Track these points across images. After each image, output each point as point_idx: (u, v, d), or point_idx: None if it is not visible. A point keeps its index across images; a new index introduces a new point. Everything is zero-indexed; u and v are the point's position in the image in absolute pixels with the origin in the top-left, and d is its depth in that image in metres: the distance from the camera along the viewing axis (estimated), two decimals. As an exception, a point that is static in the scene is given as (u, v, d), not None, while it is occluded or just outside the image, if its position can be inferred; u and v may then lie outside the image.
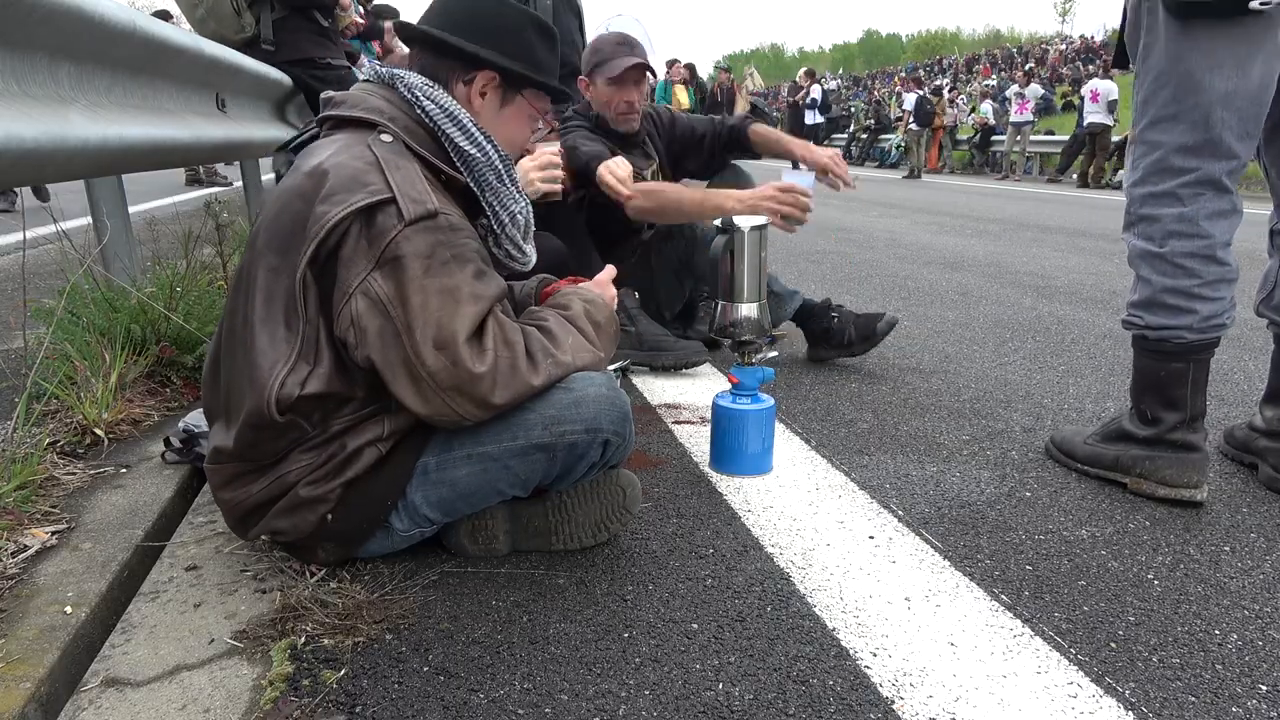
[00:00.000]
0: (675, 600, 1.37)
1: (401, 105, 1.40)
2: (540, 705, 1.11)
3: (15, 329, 2.34)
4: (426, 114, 1.40)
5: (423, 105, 1.40)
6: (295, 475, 1.34)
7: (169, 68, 2.75)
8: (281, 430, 1.32)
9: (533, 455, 1.37)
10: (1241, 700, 1.15)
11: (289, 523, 1.36)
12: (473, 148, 1.42)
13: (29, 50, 1.91)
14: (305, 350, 1.30)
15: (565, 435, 1.36)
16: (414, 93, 1.41)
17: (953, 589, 1.41)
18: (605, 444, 1.40)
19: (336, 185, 1.27)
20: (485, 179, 1.45)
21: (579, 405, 1.37)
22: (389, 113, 1.38)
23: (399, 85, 1.42)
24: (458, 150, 1.41)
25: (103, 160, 2.15)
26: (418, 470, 1.37)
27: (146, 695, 1.13)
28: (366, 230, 1.26)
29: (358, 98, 1.42)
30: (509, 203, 1.48)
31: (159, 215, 4.14)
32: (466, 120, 1.42)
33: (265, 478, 1.35)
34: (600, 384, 1.40)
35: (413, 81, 1.41)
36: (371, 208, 1.26)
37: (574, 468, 1.41)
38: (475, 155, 1.42)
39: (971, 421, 2.27)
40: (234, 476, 1.37)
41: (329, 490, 1.34)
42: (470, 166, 1.43)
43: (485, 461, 1.37)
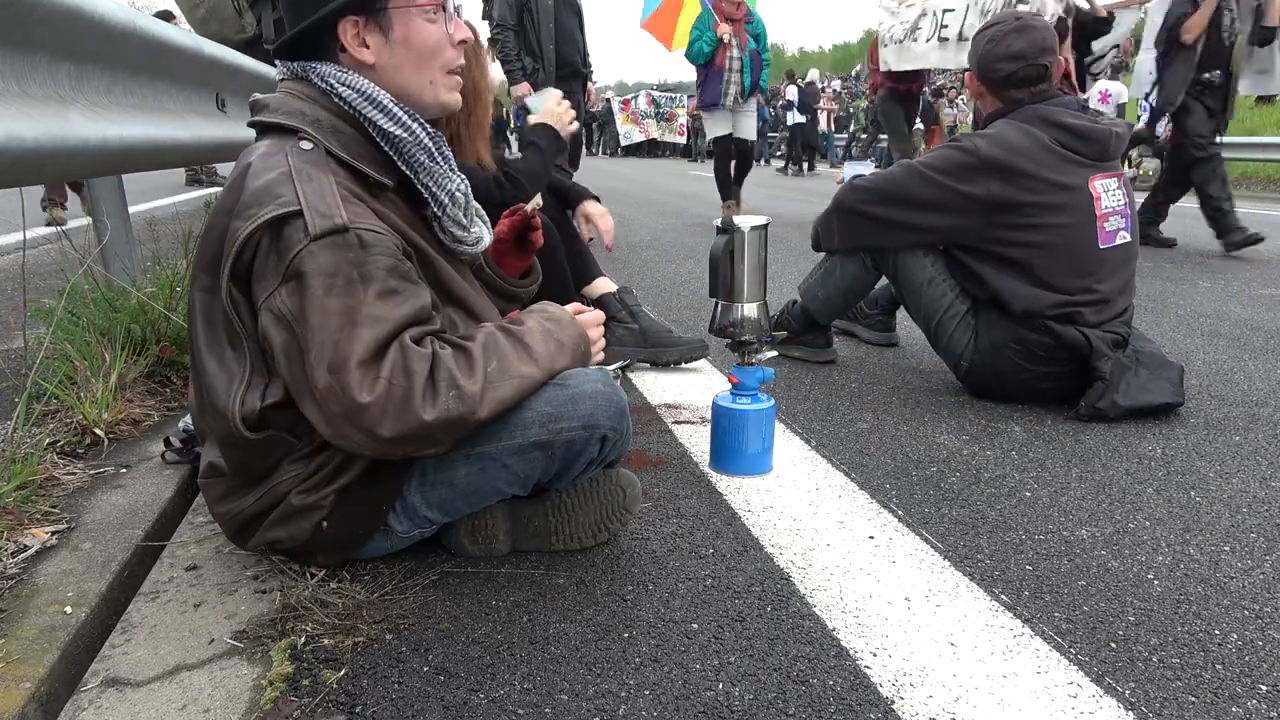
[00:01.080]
0: (675, 600, 1.37)
1: (321, 100, 1.35)
2: (540, 705, 1.11)
3: (15, 329, 2.34)
4: (345, 101, 1.34)
5: (339, 93, 1.34)
6: (286, 485, 1.34)
7: (169, 68, 2.75)
8: (266, 447, 1.32)
9: (531, 453, 1.37)
10: (1241, 700, 1.15)
11: (285, 532, 1.36)
12: (397, 128, 1.35)
13: (29, 50, 1.90)
14: (256, 365, 1.29)
15: (563, 432, 1.36)
16: (328, 80, 1.34)
17: (953, 589, 1.41)
18: (603, 440, 1.39)
19: (249, 199, 1.24)
20: (417, 160, 1.38)
21: (576, 402, 1.36)
22: (310, 114, 1.33)
23: (313, 77, 1.35)
24: (383, 134, 1.35)
25: (103, 160, 2.15)
26: (415, 471, 1.37)
27: (146, 695, 1.13)
28: (275, 244, 1.22)
29: (279, 100, 1.36)
30: (444, 181, 1.42)
31: (159, 215, 4.14)
32: (385, 99, 1.35)
33: (257, 490, 1.35)
34: (597, 380, 1.39)
35: (325, 70, 1.35)
36: (279, 220, 1.22)
37: (572, 465, 1.41)
38: (402, 136, 1.36)
39: (971, 421, 2.27)
40: (227, 491, 1.38)
41: (321, 498, 1.33)
42: (399, 149, 1.37)
43: (483, 460, 1.37)
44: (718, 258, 1.85)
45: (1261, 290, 4.32)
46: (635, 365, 2.68)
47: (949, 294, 2.44)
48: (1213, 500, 1.79)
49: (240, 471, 1.35)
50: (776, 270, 4.78)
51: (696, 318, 3.43)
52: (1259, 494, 1.83)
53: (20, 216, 2.00)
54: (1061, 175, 2.29)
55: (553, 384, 1.38)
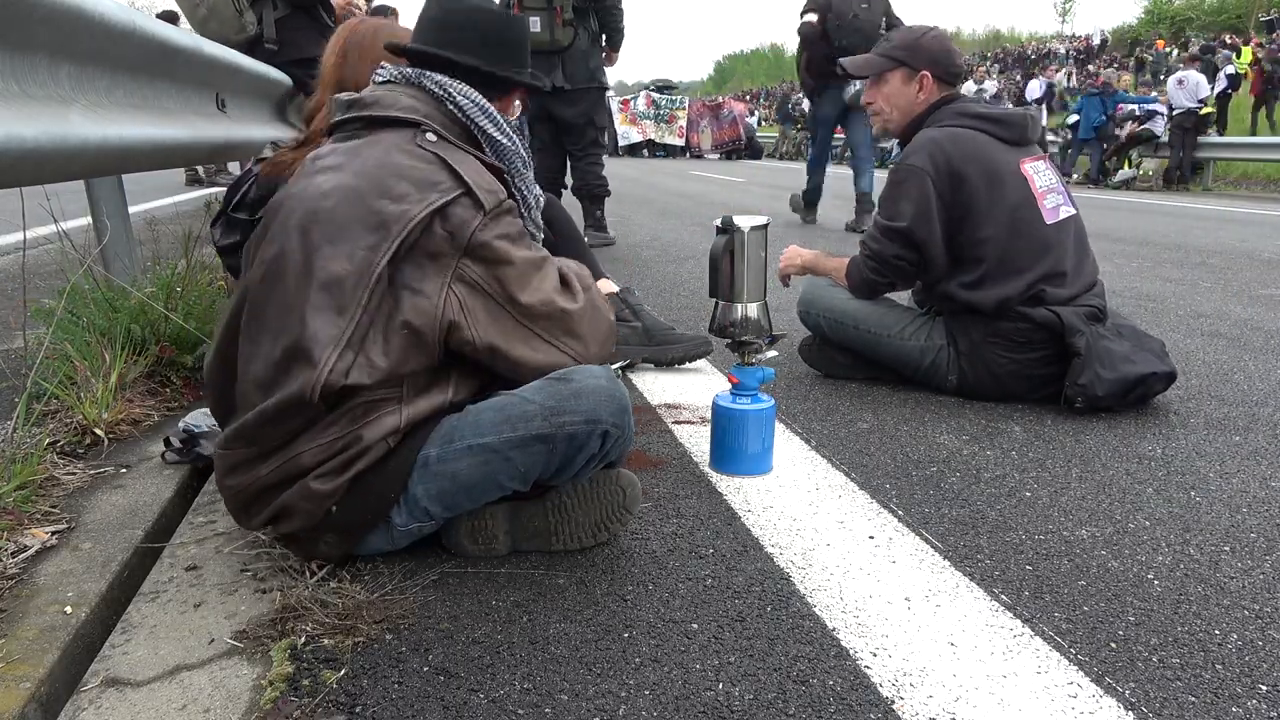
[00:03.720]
0: (675, 600, 1.37)
1: (431, 103, 1.47)
2: (540, 705, 1.11)
3: (15, 329, 2.34)
4: (460, 109, 1.48)
5: (455, 100, 1.47)
6: (309, 459, 1.34)
7: (169, 68, 2.75)
8: (303, 411, 1.33)
9: (532, 446, 1.38)
10: (1241, 700, 1.15)
11: (294, 512, 1.36)
12: (504, 138, 1.52)
13: (29, 50, 1.91)
14: (354, 338, 1.33)
15: (565, 426, 1.38)
16: (445, 89, 1.47)
17: (953, 589, 1.41)
18: (604, 435, 1.40)
19: (409, 185, 1.35)
20: (515, 167, 1.55)
21: (578, 397, 1.39)
22: (424, 110, 1.44)
23: (427, 83, 1.47)
24: (491, 141, 1.51)
25: (103, 160, 2.15)
26: (419, 463, 1.38)
27: (146, 695, 1.13)
28: (445, 224, 1.35)
29: (389, 98, 1.46)
30: (532, 187, 1.60)
31: (159, 215, 4.14)
32: (495, 113, 1.52)
33: (274, 459, 1.35)
34: (599, 376, 1.43)
35: (441, 79, 1.48)
36: (449, 204, 1.35)
37: (573, 460, 1.42)
38: (507, 145, 1.53)
39: (971, 421, 2.27)
40: (241, 462, 1.37)
41: (338, 485, 1.34)
42: (502, 156, 1.53)
43: (486, 453, 1.38)
44: (718, 257, 1.85)
45: (1261, 290, 4.32)
46: (639, 365, 2.68)
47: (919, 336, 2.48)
48: (1213, 500, 1.79)
49: (261, 435, 1.35)
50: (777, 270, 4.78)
51: (696, 317, 3.43)
52: (1259, 494, 1.83)
53: (20, 216, 2.00)
54: (996, 164, 2.35)
55: (556, 379, 1.42)
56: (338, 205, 1.36)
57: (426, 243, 1.34)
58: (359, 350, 1.32)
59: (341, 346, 1.31)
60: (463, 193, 1.36)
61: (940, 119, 2.43)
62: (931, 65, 2.46)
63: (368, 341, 1.33)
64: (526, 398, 1.40)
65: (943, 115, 2.44)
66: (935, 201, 2.34)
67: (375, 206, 1.34)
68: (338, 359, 1.30)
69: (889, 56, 2.49)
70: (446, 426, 1.40)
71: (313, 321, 1.31)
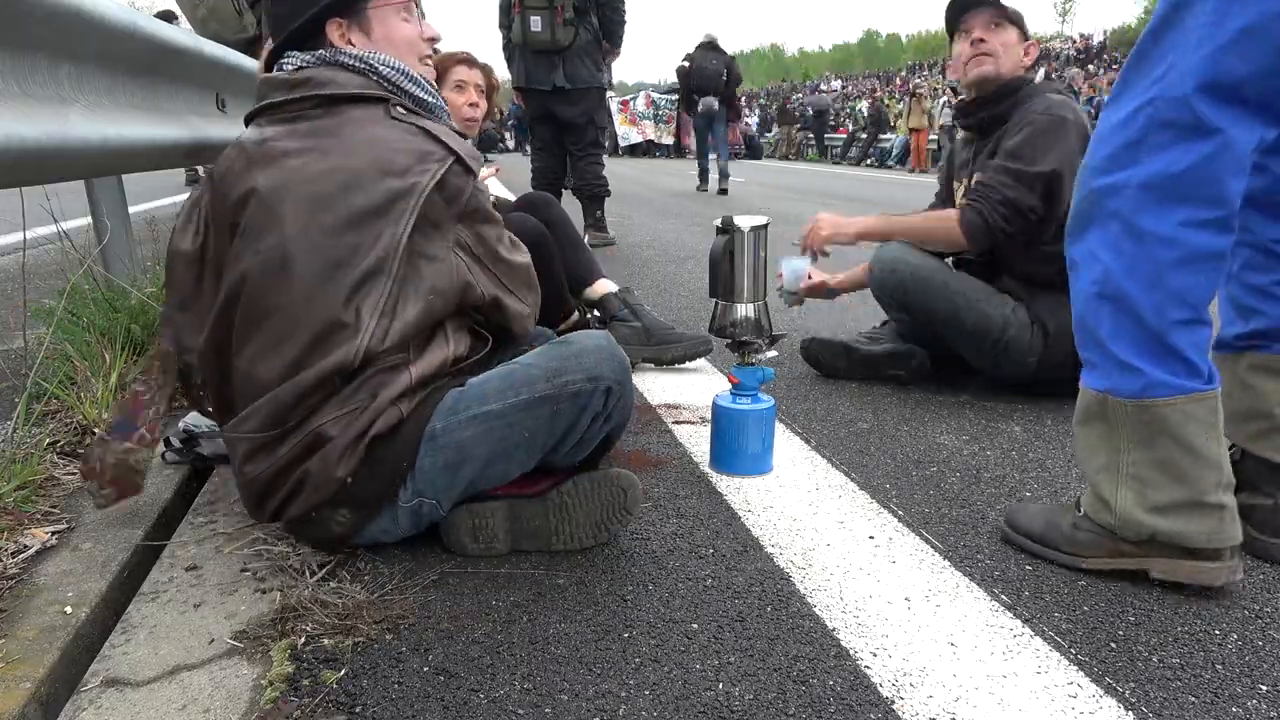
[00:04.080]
0: (675, 600, 1.37)
1: (362, 80, 1.47)
2: (540, 705, 1.11)
3: (15, 329, 2.34)
4: (385, 78, 1.48)
5: (379, 70, 1.48)
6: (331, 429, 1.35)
7: (169, 68, 2.75)
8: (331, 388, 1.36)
9: (537, 409, 1.42)
10: (1241, 700, 1.15)
11: (311, 485, 1.36)
12: (429, 97, 1.53)
13: (29, 50, 1.90)
14: (388, 307, 1.38)
15: (568, 385, 1.42)
16: (366, 60, 1.47)
17: (953, 589, 1.41)
18: (608, 391, 1.45)
19: (407, 158, 1.39)
20: (448, 123, 1.55)
21: (580, 356, 1.45)
22: (370, 85, 1.46)
23: (344, 59, 1.47)
24: (417, 101, 1.51)
25: (103, 160, 2.15)
26: (425, 435, 1.40)
27: (146, 695, 1.13)
28: (444, 192, 1.40)
29: (328, 76, 1.45)
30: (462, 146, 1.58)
31: (159, 215, 4.14)
32: (415, 74, 1.52)
33: (292, 437, 1.36)
34: (599, 337, 1.52)
35: (356, 52, 1.48)
36: (446, 172, 1.40)
37: (578, 421, 1.45)
38: (431, 102, 1.53)
39: (971, 421, 2.27)
40: (258, 446, 1.38)
41: (355, 453, 1.36)
42: (431, 113, 1.53)
43: (491, 420, 1.41)
44: (718, 257, 1.85)
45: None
46: (639, 365, 2.68)
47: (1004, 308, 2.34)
48: (1213, 500, 1.79)
49: (282, 420, 1.36)
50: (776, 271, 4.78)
51: (696, 318, 3.43)
52: (1259, 494, 1.82)
53: (20, 216, 2.00)
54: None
55: (556, 342, 1.51)
56: (343, 187, 1.36)
57: (429, 211, 1.39)
58: (392, 317, 1.38)
59: (379, 314, 1.36)
60: (454, 160, 1.41)
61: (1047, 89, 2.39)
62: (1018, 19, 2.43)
63: (399, 308, 1.39)
64: (529, 363, 1.46)
65: (1044, 87, 2.39)
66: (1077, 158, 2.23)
67: (383, 183, 1.37)
68: (376, 325, 1.36)
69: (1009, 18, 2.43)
70: (451, 399, 1.43)
71: (352, 297, 1.35)
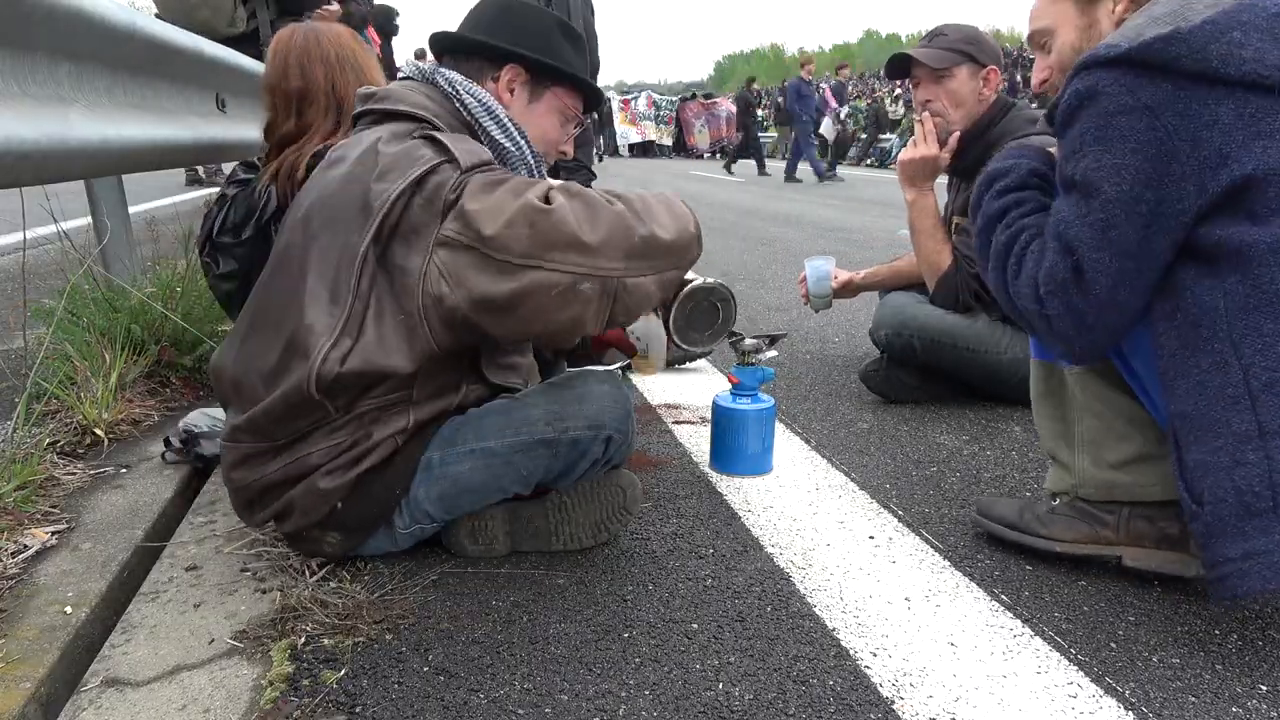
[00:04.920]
0: (675, 600, 1.37)
1: (441, 100, 1.45)
2: (540, 705, 1.11)
3: (15, 329, 2.34)
4: (465, 108, 1.45)
5: (462, 99, 1.45)
6: (317, 458, 1.34)
7: (169, 68, 2.75)
8: (310, 410, 1.32)
9: (536, 451, 1.38)
10: (1241, 700, 1.15)
11: (300, 508, 1.36)
12: (508, 141, 1.47)
13: (29, 50, 1.91)
14: (350, 326, 1.30)
15: (569, 431, 1.38)
16: (454, 87, 1.46)
17: (953, 589, 1.41)
18: (608, 440, 1.41)
19: (388, 164, 1.32)
20: (518, 172, 1.47)
21: (583, 401, 1.40)
22: (432, 109, 1.42)
23: (439, 80, 1.46)
24: (493, 144, 1.46)
25: (103, 160, 2.15)
26: (421, 465, 1.38)
27: (146, 695, 1.13)
28: (421, 192, 1.29)
29: (400, 93, 1.45)
30: None
31: (159, 215, 4.13)
32: (503, 115, 1.47)
33: (282, 457, 1.35)
34: (604, 382, 1.45)
35: (453, 77, 1.47)
36: (424, 174, 1.29)
37: (576, 465, 1.42)
38: (509, 149, 1.47)
39: (971, 421, 2.26)
40: (249, 455, 1.37)
41: (344, 482, 1.34)
42: (505, 160, 1.47)
43: (488, 457, 1.38)
44: None
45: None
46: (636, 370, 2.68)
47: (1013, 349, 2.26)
48: (1213, 500, 1.79)
49: (271, 429, 1.34)
50: (779, 271, 4.78)
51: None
52: (1259, 494, 1.82)
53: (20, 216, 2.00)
54: None
55: (560, 384, 1.44)
56: (335, 194, 1.36)
57: (408, 216, 1.29)
58: (355, 338, 1.30)
59: (336, 334, 1.29)
60: (443, 160, 1.30)
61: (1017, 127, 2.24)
62: (996, 60, 2.32)
63: (365, 328, 1.30)
64: (530, 402, 1.41)
65: (1017, 123, 2.26)
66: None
67: (364, 190, 1.32)
68: (331, 347, 1.28)
69: (955, 50, 2.29)
70: (449, 429, 1.40)
71: (309, 311, 1.31)
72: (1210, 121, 1.14)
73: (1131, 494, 1.41)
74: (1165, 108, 1.15)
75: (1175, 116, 1.15)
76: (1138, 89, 1.17)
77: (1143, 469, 1.39)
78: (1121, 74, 1.18)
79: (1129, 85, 1.17)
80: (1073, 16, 1.39)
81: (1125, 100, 1.17)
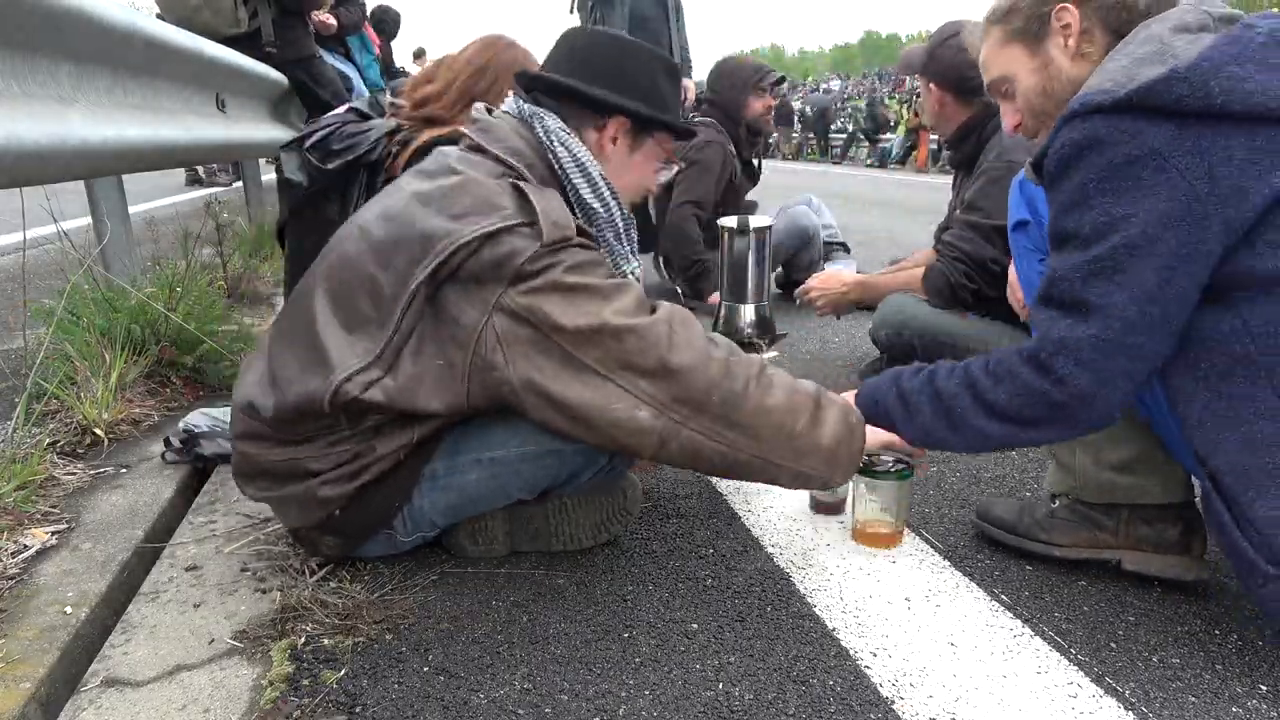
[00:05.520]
0: (675, 600, 1.37)
1: (535, 146, 1.39)
2: (540, 705, 1.11)
3: (15, 329, 2.34)
4: (557, 159, 1.39)
5: (555, 150, 1.39)
6: (319, 465, 1.32)
7: (169, 68, 2.75)
8: (319, 418, 1.30)
9: (544, 459, 1.38)
10: (1241, 700, 1.15)
11: (297, 508, 1.36)
12: (597, 202, 1.41)
13: (29, 51, 1.91)
14: (385, 357, 1.26)
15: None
16: (550, 136, 1.39)
17: (953, 589, 1.41)
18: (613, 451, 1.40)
19: (467, 206, 1.25)
20: (603, 235, 1.44)
21: None
22: (526, 156, 1.37)
23: (537, 126, 1.40)
24: (581, 202, 1.41)
25: (103, 160, 2.16)
26: (425, 476, 1.37)
27: (146, 695, 1.13)
28: (495, 248, 1.22)
29: (502, 132, 1.39)
30: (621, 263, 1.48)
31: (159, 215, 4.14)
32: (596, 174, 1.41)
33: (284, 450, 1.35)
34: None
35: (550, 125, 1.39)
36: (504, 230, 1.23)
37: (581, 472, 1.42)
38: (598, 210, 1.42)
39: (971, 421, 2.26)
40: (255, 434, 1.37)
41: (344, 493, 1.33)
42: (591, 220, 1.42)
43: (495, 466, 1.37)
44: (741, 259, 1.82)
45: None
46: None
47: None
48: (1213, 500, 1.79)
49: (280, 428, 1.33)
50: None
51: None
52: (1259, 494, 1.82)
53: (20, 216, 2.00)
54: None
55: None
56: (402, 212, 1.30)
57: (470, 266, 1.23)
58: (388, 370, 1.26)
59: (368, 361, 1.25)
60: (525, 222, 1.23)
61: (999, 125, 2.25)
62: (938, 77, 2.35)
63: (400, 364, 1.26)
64: None
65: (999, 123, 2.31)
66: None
67: (431, 220, 1.26)
68: (359, 371, 1.25)
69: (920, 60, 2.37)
70: (453, 440, 1.37)
71: (347, 326, 1.28)
72: (1225, 157, 1.09)
73: (1131, 496, 1.40)
74: (1173, 149, 1.11)
75: (1185, 156, 1.10)
76: (1140, 134, 1.12)
77: (1144, 471, 1.38)
78: (1119, 120, 1.13)
79: (1131, 131, 1.12)
80: (1024, 59, 1.35)
81: (1128, 148, 1.12)
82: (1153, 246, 1.12)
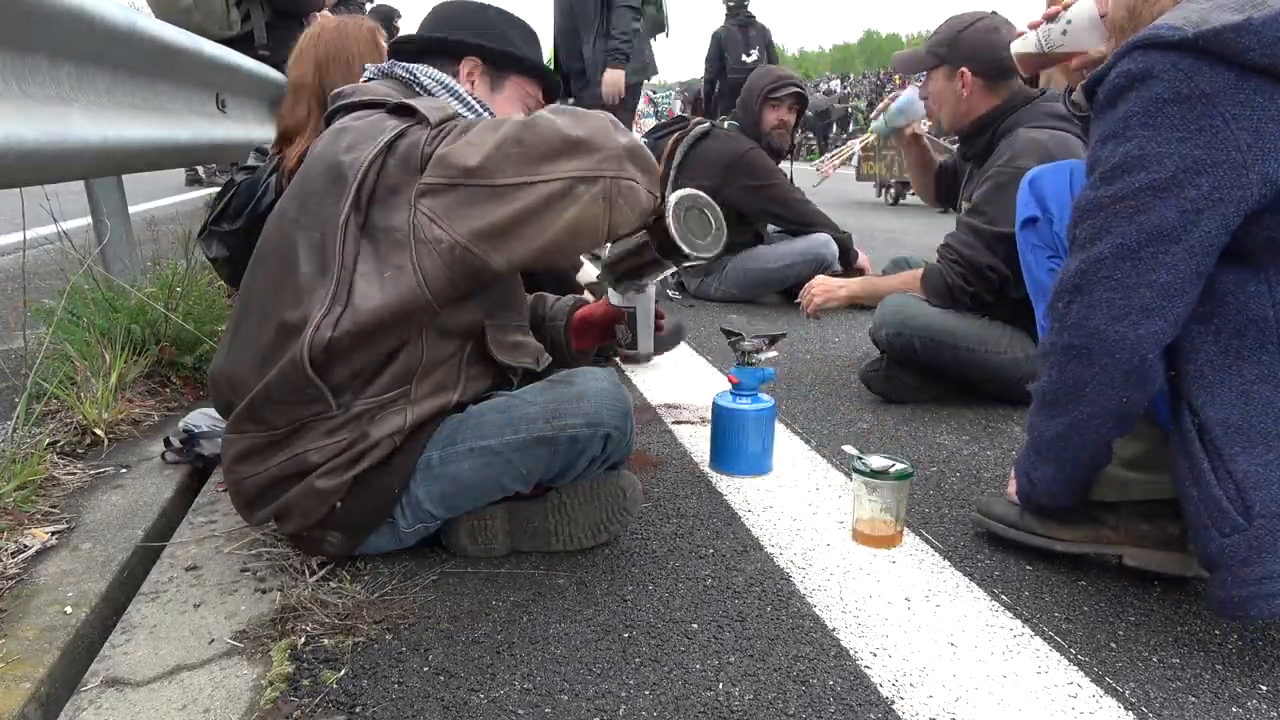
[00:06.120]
0: (675, 600, 1.37)
1: (402, 89, 1.49)
2: (540, 705, 1.11)
3: (15, 329, 2.34)
4: (426, 90, 1.50)
5: (421, 82, 1.50)
6: (316, 457, 1.34)
7: (169, 68, 2.75)
8: (307, 392, 1.32)
9: (534, 449, 1.39)
10: (1241, 700, 1.15)
11: (299, 509, 1.36)
12: (471, 113, 1.50)
13: (29, 51, 1.91)
14: (339, 293, 1.31)
15: (566, 428, 1.38)
16: (413, 73, 1.51)
17: (953, 589, 1.41)
18: (606, 438, 1.41)
19: (356, 137, 1.35)
20: None
21: (581, 400, 1.40)
22: (394, 97, 1.44)
23: (398, 71, 1.52)
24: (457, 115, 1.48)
25: (103, 160, 2.15)
26: (420, 465, 1.39)
27: (146, 695, 1.13)
28: (394, 155, 1.31)
29: (364, 87, 1.50)
30: None
31: (159, 215, 4.14)
32: (463, 91, 1.52)
33: (283, 452, 1.35)
34: (602, 379, 1.44)
35: (411, 66, 1.52)
36: (397, 137, 1.32)
37: (575, 462, 1.42)
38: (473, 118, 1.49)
39: (971, 421, 2.26)
40: (249, 450, 1.37)
41: (342, 482, 1.35)
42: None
43: (487, 455, 1.39)
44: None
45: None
46: (625, 362, 2.68)
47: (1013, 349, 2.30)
48: (1213, 500, 1.79)
49: (268, 412, 1.35)
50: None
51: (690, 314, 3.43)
52: (1259, 494, 1.82)
53: (20, 216, 2.00)
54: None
55: (558, 382, 1.44)
56: (308, 178, 1.39)
57: (384, 180, 1.30)
58: (345, 303, 1.30)
59: (327, 303, 1.30)
60: (412, 123, 1.34)
61: (1033, 118, 2.24)
62: (969, 61, 2.29)
63: (354, 291, 1.30)
64: (528, 400, 1.41)
65: (1033, 114, 2.25)
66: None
67: (335, 164, 1.34)
68: (323, 316, 1.29)
69: (930, 53, 2.33)
70: (448, 428, 1.40)
71: (299, 291, 1.32)
72: (1275, 116, 1.09)
73: (1145, 492, 1.38)
74: (1224, 96, 1.10)
75: (1236, 105, 1.10)
76: (1196, 75, 1.11)
77: (1157, 467, 1.37)
78: (1179, 58, 1.12)
79: (1187, 71, 1.11)
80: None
81: (1181, 87, 1.12)
82: (1181, 190, 1.13)
